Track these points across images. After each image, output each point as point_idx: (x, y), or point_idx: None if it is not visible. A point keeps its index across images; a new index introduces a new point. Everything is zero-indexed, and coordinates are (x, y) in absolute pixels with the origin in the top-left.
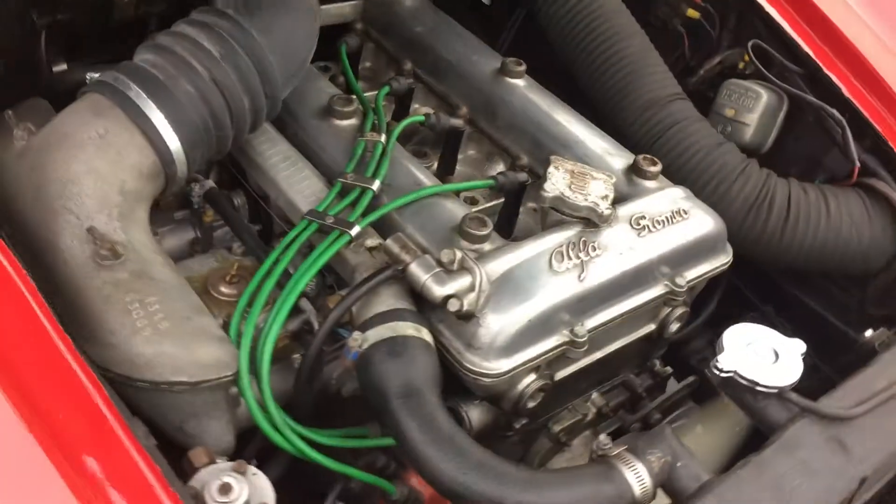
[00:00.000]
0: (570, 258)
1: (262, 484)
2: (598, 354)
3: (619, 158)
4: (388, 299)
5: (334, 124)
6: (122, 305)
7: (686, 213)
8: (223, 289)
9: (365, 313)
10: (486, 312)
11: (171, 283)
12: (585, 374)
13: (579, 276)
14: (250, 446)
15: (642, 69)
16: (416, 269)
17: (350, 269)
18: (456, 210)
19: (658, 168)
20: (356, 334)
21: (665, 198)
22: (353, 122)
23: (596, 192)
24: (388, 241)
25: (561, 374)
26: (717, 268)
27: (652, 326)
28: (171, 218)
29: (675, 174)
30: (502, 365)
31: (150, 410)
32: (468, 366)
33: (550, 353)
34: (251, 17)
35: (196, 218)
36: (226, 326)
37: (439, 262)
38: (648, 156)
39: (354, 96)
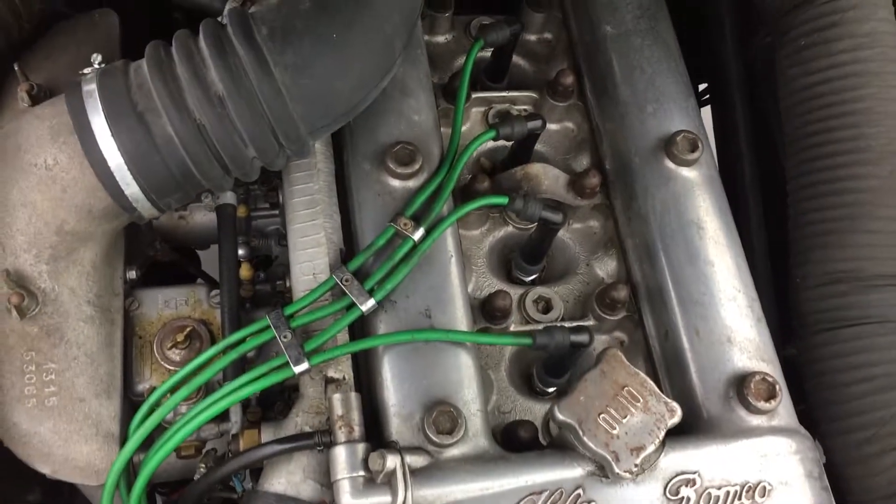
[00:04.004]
0: None
1: None
2: None
3: (736, 352)
4: (294, 474)
5: (384, 181)
6: (19, 363)
7: (769, 491)
8: (168, 352)
9: (266, 476)
10: None
11: (85, 349)
12: None
13: None
14: None
15: (874, 205)
16: (338, 457)
17: (296, 396)
18: (460, 372)
19: (772, 405)
20: None
21: (749, 455)
22: (409, 184)
23: (634, 432)
24: (334, 399)
25: None
26: None
27: None
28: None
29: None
30: None
31: None
32: None
33: None
34: (283, 48)
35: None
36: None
37: (367, 464)
38: (769, 376)
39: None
